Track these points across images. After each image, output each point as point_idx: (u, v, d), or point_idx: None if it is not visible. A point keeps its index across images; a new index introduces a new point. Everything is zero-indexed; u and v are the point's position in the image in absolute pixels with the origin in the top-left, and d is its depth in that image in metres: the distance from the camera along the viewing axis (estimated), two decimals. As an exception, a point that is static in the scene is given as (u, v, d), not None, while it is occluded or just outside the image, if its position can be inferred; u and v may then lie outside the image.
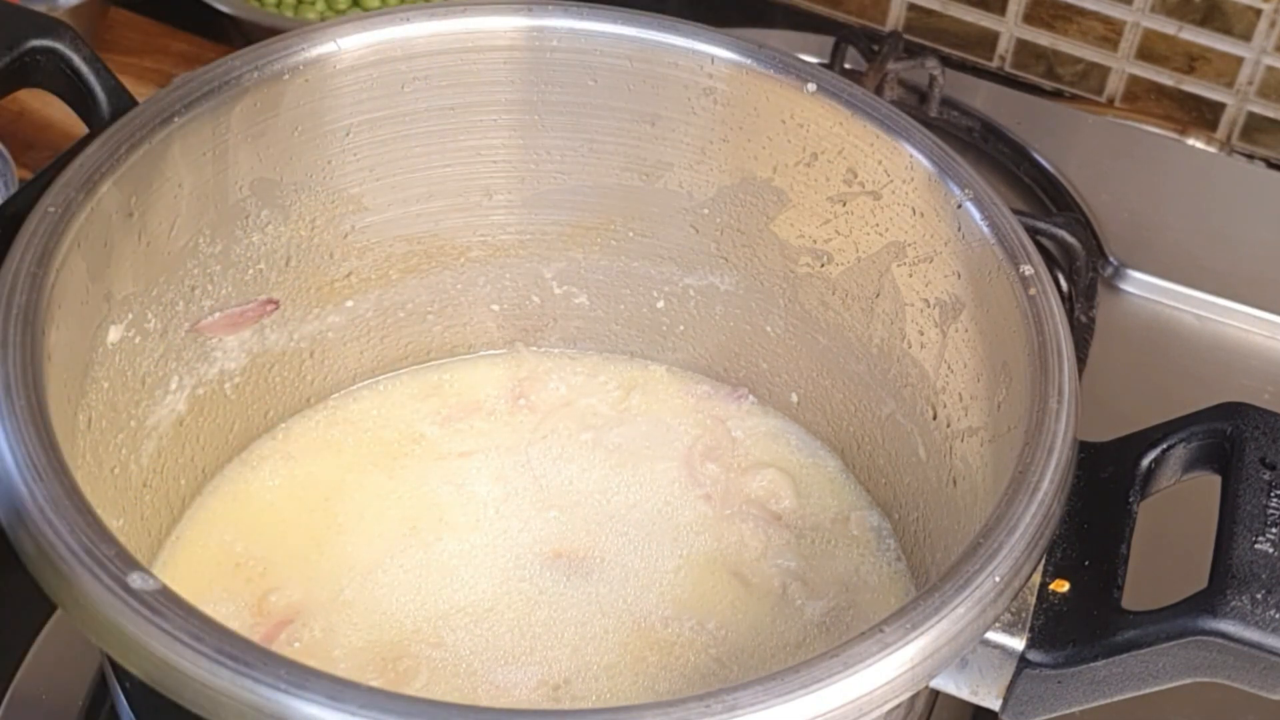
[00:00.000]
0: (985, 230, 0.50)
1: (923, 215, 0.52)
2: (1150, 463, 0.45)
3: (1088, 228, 0.72)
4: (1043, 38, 0.65)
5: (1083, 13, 0.62)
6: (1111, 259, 0.70)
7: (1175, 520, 0.54)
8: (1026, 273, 0.47)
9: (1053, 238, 0.71)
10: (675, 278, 0.61)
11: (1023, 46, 0.66)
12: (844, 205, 0.56)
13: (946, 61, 0.81)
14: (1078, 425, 0.44)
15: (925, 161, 0.52)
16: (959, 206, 0.50)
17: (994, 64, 0.66)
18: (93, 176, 0.48)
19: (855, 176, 0.55)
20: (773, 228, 0.58)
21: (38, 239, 0.46)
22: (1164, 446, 0.45)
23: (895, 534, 0.56)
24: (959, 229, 0.51)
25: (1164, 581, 0.45)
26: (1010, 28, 0.65)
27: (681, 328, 0.63)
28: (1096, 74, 0.65)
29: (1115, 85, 0.65)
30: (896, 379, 0.56)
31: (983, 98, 0.80)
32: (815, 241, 0.57)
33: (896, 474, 0.57)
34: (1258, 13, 0.60)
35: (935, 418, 0.54)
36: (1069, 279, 0.71)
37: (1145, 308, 0.61)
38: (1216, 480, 0.44)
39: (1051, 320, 0.46)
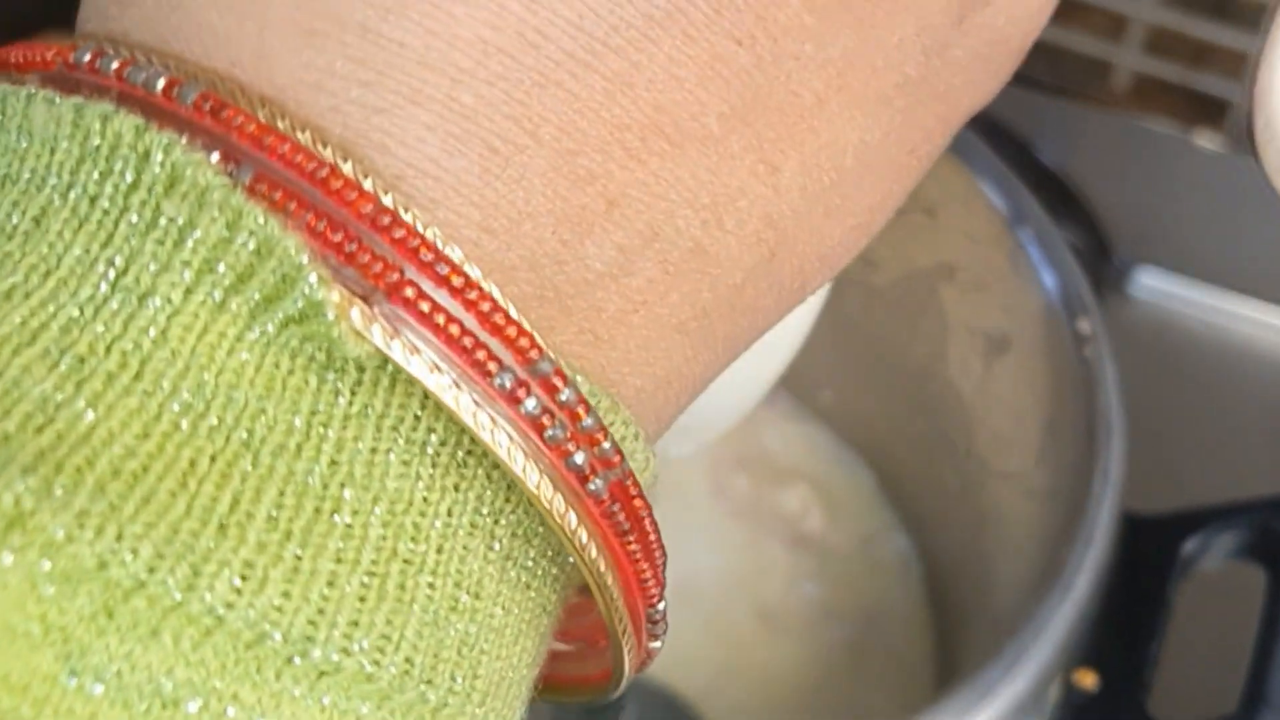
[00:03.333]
0: (1043, 274, 0.47)
1: (978, 242, 0.50)
2: (1194, 546, 0.43)
3: (1092, 227, 0.70)
4: (1046, 31, 0.62)
5: (1087, 8, 0.60)
6: (1117, 259, 0.68)
7: (1214, 601, 0.52)
8: (1083, 330, 0.45)
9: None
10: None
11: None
12: (897, 215, 0.53)
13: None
14: (1123, 508, 0.42)
15: (987, 188, 0.49)
16: (1018, 244, 0.48)
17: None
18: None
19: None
20: (819, 227, 0.55)
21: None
22: (1210, 531, 0.43)
23: (921, 560, 0.55)
24: (1014, 266, 0.48)
25: (1193, 673, 0.43)
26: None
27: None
28: (1101, 69, 0.63)
29: (1121, 81, 0.63)
30: (933, 400, 0.54)
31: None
32: (863, 249, 0.54)
33: (925, 497, 0.55)
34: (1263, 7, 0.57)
35: (969, 452, 0.51)
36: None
37: (1153, 308, 0.59)
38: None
39: (1105, 387, 0.43)
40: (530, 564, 0.18)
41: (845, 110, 0.18)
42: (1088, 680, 0.40)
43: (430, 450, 0.16)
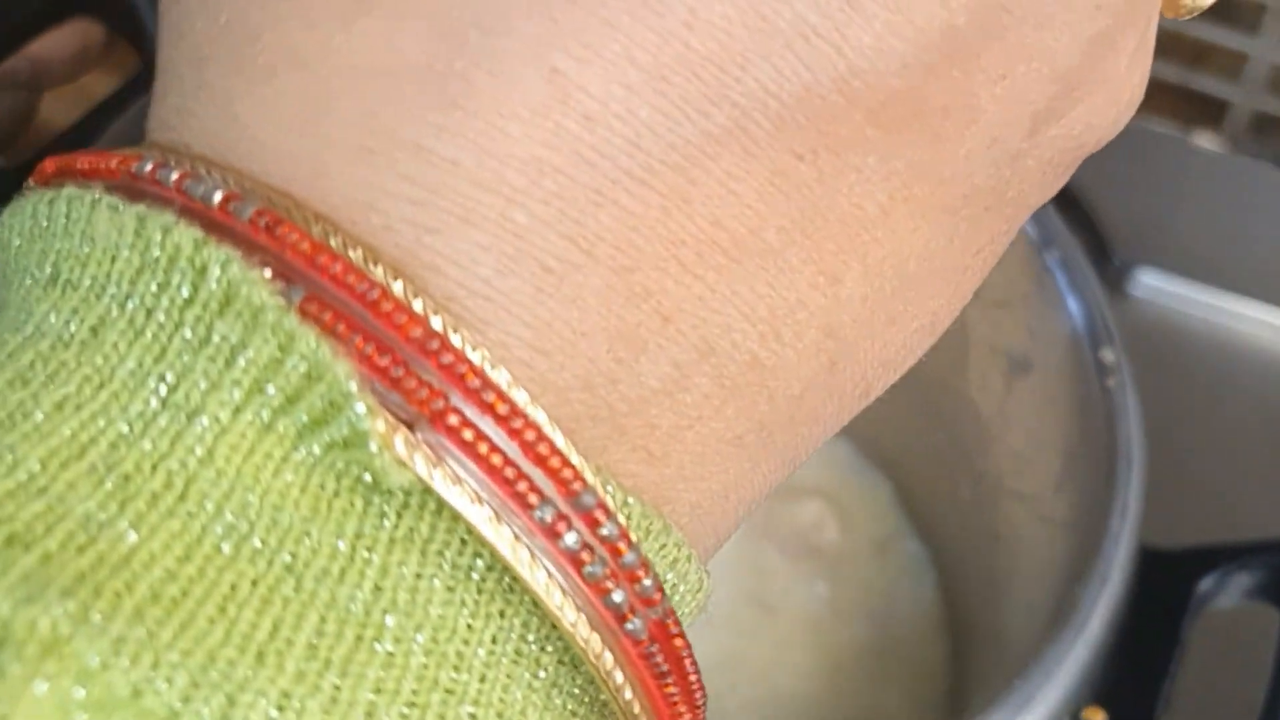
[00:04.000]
0: (1068, 298, 0.46)
1: (1003, 262, 0.49)
2: (1209, 585, 0.42)
3: (1092, 227, 0.69)
4: None
5: None
6: (1117, 259, 0.67)
7: (1228, 641, 0.51)
8: (1107, 359, 0.44)
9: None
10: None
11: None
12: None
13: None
14: (1139, 545, 0.41)
15: (1014, 207, 0.49)
16: (1044, 267, 0.47)
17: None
18: (135, 139, 0.45)
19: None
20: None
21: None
22: (1227, 570, 0.42)
23: (934, 567, 0.54)
24: (1040, 289, 0.48)
25: (1205, 715, 0.43)
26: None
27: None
28: None
29: None
30: (950, 414, 0.53)
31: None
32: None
33: (939, 507, 0.55)
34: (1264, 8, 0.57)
35: (985, 469, 0.51)
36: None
37: (1153, 308, 0.58)
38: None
39: (1126, 420, 0.43)
40: (577, 691, 0.17)
41: (910, 220, 0.18)
42: (1097, 719, 0.40)
43: (475, 576, 0.16)
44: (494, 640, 0.16)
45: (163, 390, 0.15)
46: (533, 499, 0.16)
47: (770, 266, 0.17)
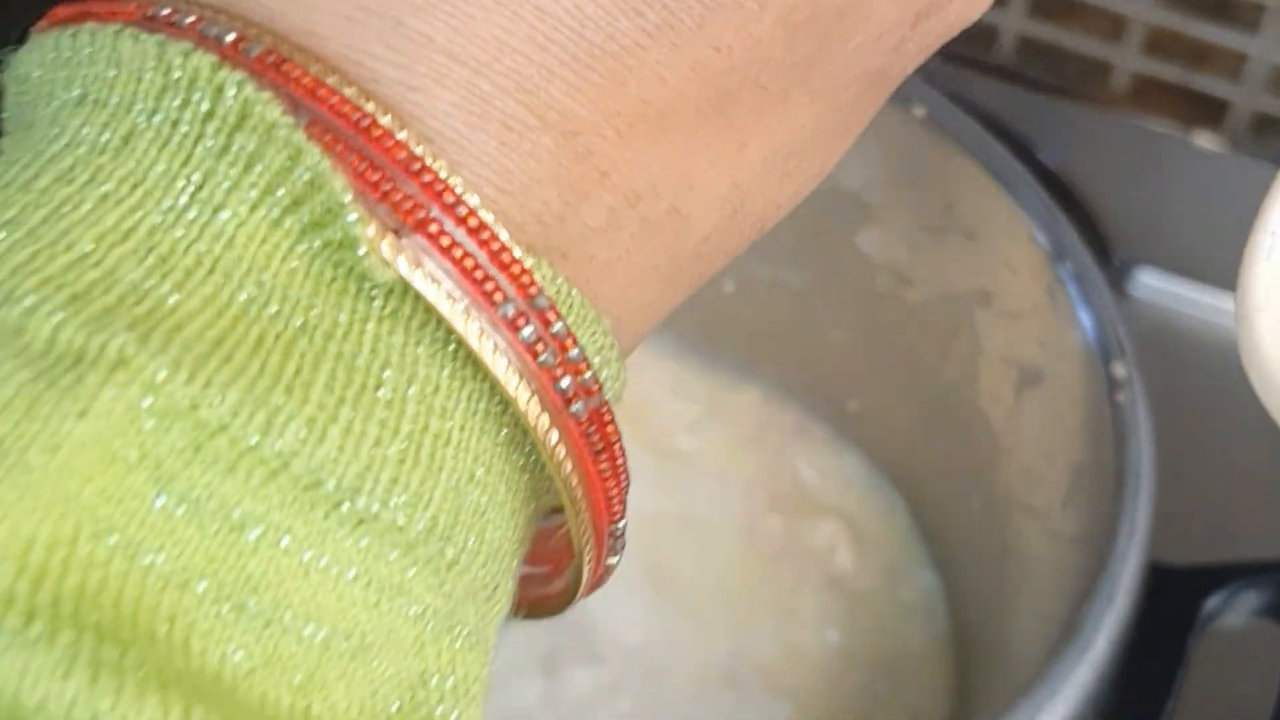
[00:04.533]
0: (1080, 312, 0.46)
1: (1016, 272, 0.49)
2: (1216, 603, 0.42)
3: (1092, 227, 0.69)
4: (1046, 31, 0.62)
5: (1087, 7, 0.59)
6: (1117, 259, 0.67)
7: (1233, 660, 0.51)
8: (1118, 374, 0.44)
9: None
10: (747, 265, 0.58)
11: (1025, 42, 0.63)
12: (934, 235, 0.52)
13: (947, 56, 0.76)
14: (1149, 562, 0.41)
15: (1027, 217, 0.48)
16: (1057, 279, 0.47)
17: (996, 59, 0.63)
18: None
19: (951, 210, 0.51)
20: (855, 240, 0.55)
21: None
22: (1234, 588, 0.42)
23: (946, 599, 0.54)
24: (1052, 301, 0.47)
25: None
26: (1014, 22, 0.62)
27: (749, 314, 0.60)
28: (1101, 69, 0.62)
29: (1120, 81, 0.62)
30: (960, 424, 0.53)
31: (984, 93, 0.75)
32: (898, 264, 0.54)
33: (951, 522, 0.54)
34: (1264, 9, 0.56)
35: (994, 480, 0.51)
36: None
37: (1153, 308, 0.58)
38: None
39: (1136, 437, 0.43)
40: (528, 450, 0.20)
41: (805, 99, 0.21)
42: (1100, 737, 0.40)
43: (451, 347, 0.19)
44: (469, 399, 0.19)
45: (190, 189, 0.18)
46: (498, 297, 0.18)
47: (689, 135, 0.20)
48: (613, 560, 0.22)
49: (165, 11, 0.19)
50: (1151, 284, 0.62)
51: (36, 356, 0.16)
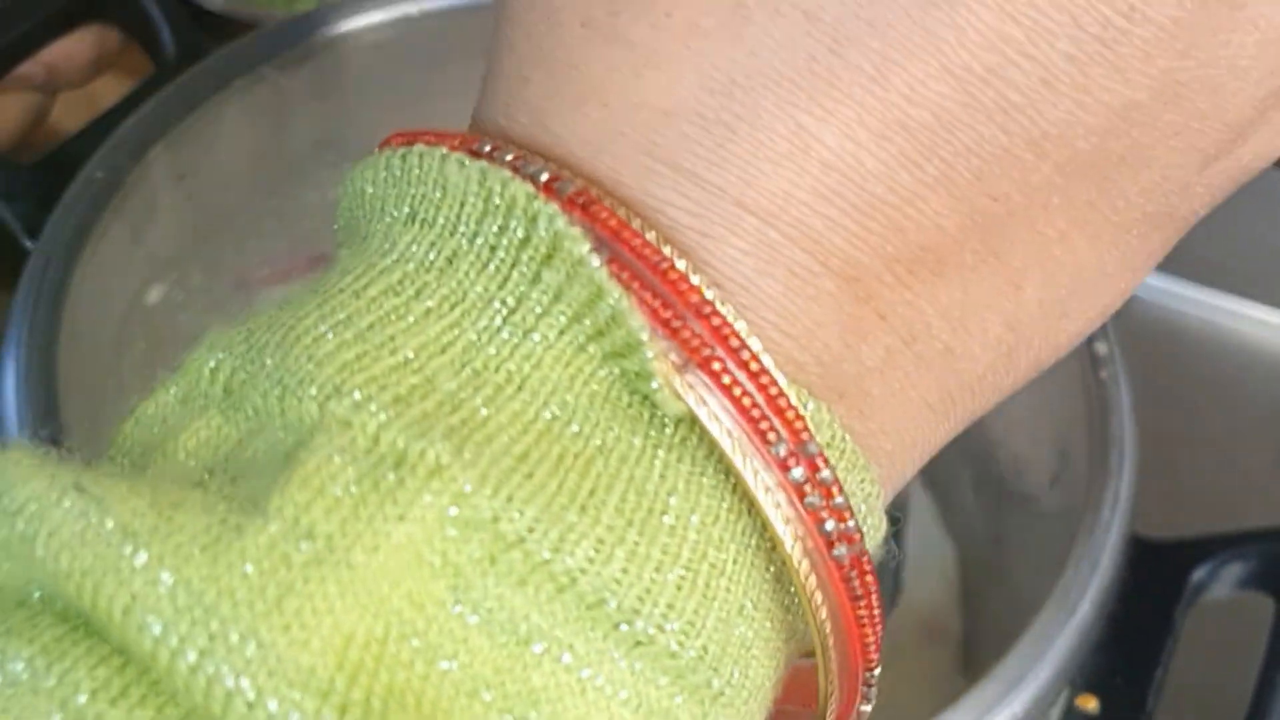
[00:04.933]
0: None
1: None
2: (1203, 574, 0.43)
3: None
4: None
5: None
6: None
7: (1219, 629, 0.52)
8: (1100, 351, 0.45)
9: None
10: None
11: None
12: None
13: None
14: (1131, 532, 0.42)
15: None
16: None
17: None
18: (145, 140, 0.46)
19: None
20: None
21: (80, 206, 0.44)
22: (1220, 559, 0.43)
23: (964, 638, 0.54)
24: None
25: (1196, 702, 0.43)
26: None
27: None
28: None
29: None
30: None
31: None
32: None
33: (952, 517, 0.55)
34: None
35: (987, 471, 0.51)
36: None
37: (1152, 308, 0.58)
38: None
39: (1119, 412, 0.43)
40: (793, 590, 0.21)
41: (1085, 241, 0.21)
42: (1089, 705, 0.41)
43: (730, 481, 0.20)
44: (743, 534, 0.20)
45: (504, 311, 0.19)
46: (772, 437, 0.19)
47: (964, 278, 0.21)
48: (866, 708, 0.22)
49: (488, 148, 0.20)
50: (1151, 284, 0.62)
51: (361, 454, 0.18)
